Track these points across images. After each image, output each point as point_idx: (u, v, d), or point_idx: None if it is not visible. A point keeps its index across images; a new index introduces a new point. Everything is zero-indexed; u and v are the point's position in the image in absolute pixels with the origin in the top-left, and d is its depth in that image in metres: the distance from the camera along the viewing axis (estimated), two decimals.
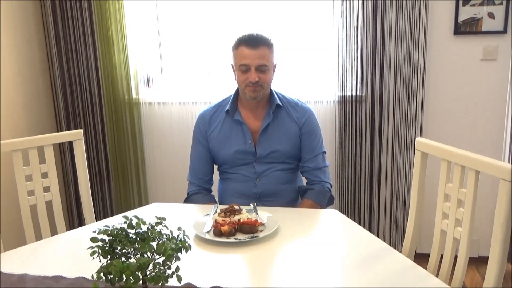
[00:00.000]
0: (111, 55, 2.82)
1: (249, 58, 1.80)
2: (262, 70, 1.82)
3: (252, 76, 1.80)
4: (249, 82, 1.82)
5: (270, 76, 1.87)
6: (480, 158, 1.28)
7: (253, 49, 1.80)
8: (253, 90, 1.84)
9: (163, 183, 3.08)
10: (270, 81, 1.89)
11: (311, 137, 1.96)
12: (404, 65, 2.59)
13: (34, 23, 2.85)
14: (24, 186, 1.80)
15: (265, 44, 1.82)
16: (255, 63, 1.80)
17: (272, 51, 1.86)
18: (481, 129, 2.69)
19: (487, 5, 2.50)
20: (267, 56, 1.82)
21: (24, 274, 1.23)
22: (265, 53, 1.81)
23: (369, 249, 1.38)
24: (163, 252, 0.92)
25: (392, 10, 2.53)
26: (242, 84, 1.86)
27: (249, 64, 1.81)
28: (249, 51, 1.80)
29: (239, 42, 1.84)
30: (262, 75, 1.82)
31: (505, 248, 1.20)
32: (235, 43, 1.86)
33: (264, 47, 1.81)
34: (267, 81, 1.86)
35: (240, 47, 1.83)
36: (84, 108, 2.96)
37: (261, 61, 1.80)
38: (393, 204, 2.78)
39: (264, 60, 1.81)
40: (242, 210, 1.56)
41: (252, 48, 1.80)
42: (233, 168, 1.98)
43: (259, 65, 1.81)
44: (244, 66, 1.82)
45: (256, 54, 1.80)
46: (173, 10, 2.94)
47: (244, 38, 1.83)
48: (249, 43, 1.81)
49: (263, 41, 1.82)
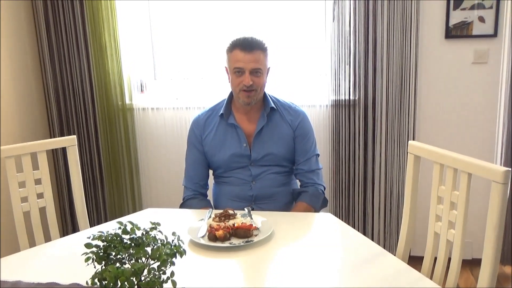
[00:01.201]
0: (104, 61, 2.82)
1: (243, 62, 1.81)
2: (256, 74, 1.83)
3: (246, 79, 1.81)
4: (243, 85, 1.82)
5: (264, 79, 1.88)
6: (472, 161, 1.29)
7: (247, 53, 1.80)
8: (247, 95, 1.85)
9: (157, 188, 3.07)
10: (264, 84, 1.90)
11: (305, 139, 1.97)
12: (396, 69, 2.61)
13: (26, 29, 2.84)
14: (17, 192, 1.79)
15: (259, 48, 1.83)
16: (250, 66, 1.81)
17: (266, 55, 1.86)
18: (473, 132, 2.71)
19: (477, 9, 2.52)
20: (261, 60, 1.83)
21: (18, 281, 1.23)
22: (260, 57, 1.82)
23: (363, 253, 1.39)
24: (158, 257, 0.92)
25: (384, 14, 2.55)
26: (236, 87, 1.86)
27: (243, 68, 1.81)
28: (243, 54, 1.81)
29: (234, 45, 1.85)
30: (256, 79, 1.83)
31: (498, 250, 1.21)
32: (230, 46, 1.87)
33: (259, 51, 1.82)
34: (260, 85, 1.86)
35: (234, 50, 1.83)
36: (78, 114, 2.95)
37: (255, 65, 1.81)
38: (386, 207, 2.79)
39: (258, 64, 1.82)
40: (236, 215, 1.56)
41: (246, 51, 1.80)
42: (228, 171, 1.98)
43: (253, 69, 1.81)
44: (238, 69, 1.82)
45: (251, 58, 1.80)
46: (166, 15, 2.94)
47: (239, 41, 1.83)
48: (243, 46, 1.81)
49: (258, 44, 1.83)
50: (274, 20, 2.82)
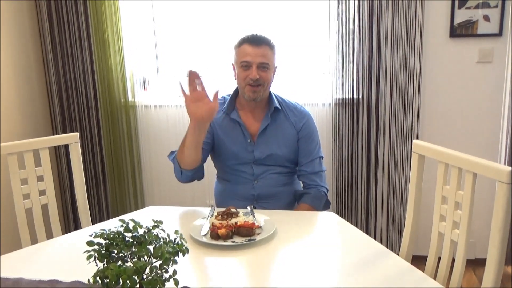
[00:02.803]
0: (107, 58, 2.81)
1: (251, 55, 1.81)
2: (263, 68, 1.83)
3: (253, 73, 1.81)
4: (250, 79, 1.82)
5: (270, 75, 1.88)
6: (477, 161, 1.28)
7: (256, 47, 1.81)
8: (253, 90, 1.84)
9: (159, 186, 3.07)
10: (271, 81, 1.89)
11: (309, 141, 1.96)
12: (400, 67, 2.59)
13: (29, 25, 2.84)
14: (20, 189, 1.79)
15: (267, 44, 1.84)
16: (257, 60, 1.81)
17: (274, 52, 1.88)
18: (477, 131, 2.69)
19: (482, 8, 2.51)
20: (269, 56, 1.84)
21: (20, 278, 1.22)
22: (267, 52, 1.83)
23: (366, 252, 1.38)
24: (160, 255, 0.91)
25: (388, 13, 2.53)
26: (243, 82, 1.86)
27: (250, 61, 1.81)
28: (252, 48, 1.82)
29: (242, 40, 1.86)
30: (263, 73, 1.83)
31: (503, 250, 1.20)
32: (238, 42, 1.88)
33: (267, 47, 1.83)
34: (267, 80, 1.85)
35: (243, 45, 1.85)
36: (80, 111, 2.95)
37: (262, 59, 1.81)
38: (389, 207, 2.78)
39: (265, 58, 1.82)
40: (239, 213, 1.56)
41: (255, 46, 1.82)
42: (231, 169, 1.97)
43: (260, 63, 1.81)
44: (245, 62, 1.82)
45: (258, 52, 1.81)
46: (169, 12, 2.94)
47: (248, 37, 1.85)
48: (252, 41, 1.83)
49: (266, 41, 1.84)
50: (278, 17, 2.81)
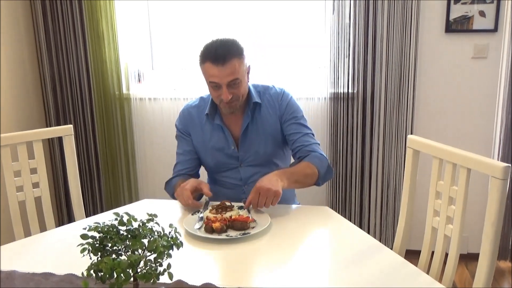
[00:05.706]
0: (102, 50, 2.79)
1: (218, 77, 1.65)
2: (234, 85, 1.68)
3: (224, 95, 1.67)
4: (222, 99, 1.70)
5: (244, 86, 1.74)
6: (472, 156, 1.29)
7: (221, 66, 1.63)
8: (228, 106, 1.73)
9: (153, 179, 3.06)
10: (246, 90, 1.77)
11: (291, 116, 1.84)
12: (395, 62, 2.59)
13: (23, 17, 2.81)
14: (13, 182, 1.78)
15: (232, 56, 1.65)
16: (225, 80, 1.65)
17: (242, 59, 1.69)
18: (471, 127, 2.70)
19: (478, 3, 2.51)
20: (237, 69, 1.66)
21: (13, 271, 1.22)
22: (235, 66, 1.65)
23: (360, 246, 1.38)
24: (155, 249, 0.91)
25: (384, 8, 2.53)
26: (216, 99, 1.75)
27: (219, 82, 1.66)
28: (217, 69, 1.64)
29: (204, 57, 1.68)
30: (235, 90, 1.69)
31: (496, 246, 1.21)
32: (201, 58, 1.70)
33: (233, 60, 1.64)
34: (242, 93, 1.73)
35: (206, 63, 1.67)
36: (74, 104, 2.93)
37: (231, 77, 1.65)
38: (383, 201, 2.79)
39: (234, 75, 1.66)
40: (233, 207, 1.56)
41: (219, 65, 1.63)
42: (218, 176, 1.91)
43: (230, 81, 1.66)
44: (214, 83, 1.68)
45: (225, 72, 1.64)
46: (164, 4, 2.91)
47: (210, 54, 1.65)
48: (215, 60, 1.64)
49: (231, 52, 1.65)
50: (273, 12, 2.80)
